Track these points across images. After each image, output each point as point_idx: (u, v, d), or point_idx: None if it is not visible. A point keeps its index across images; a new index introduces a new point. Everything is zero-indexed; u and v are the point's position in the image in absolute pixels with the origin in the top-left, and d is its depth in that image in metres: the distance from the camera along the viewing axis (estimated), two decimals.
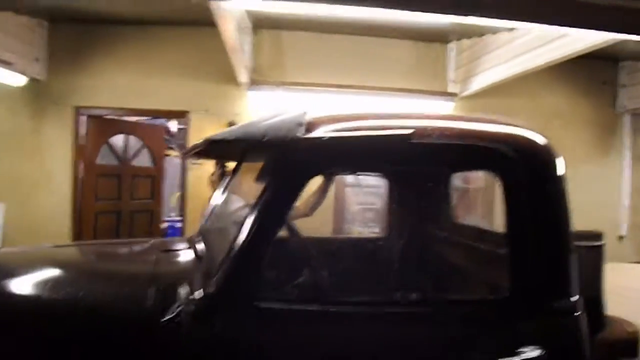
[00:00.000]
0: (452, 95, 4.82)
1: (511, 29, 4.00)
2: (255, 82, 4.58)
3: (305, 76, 4.74)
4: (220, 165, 3.01)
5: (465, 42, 4.73)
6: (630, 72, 5.43)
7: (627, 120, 5.64)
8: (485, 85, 4.44)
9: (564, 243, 1.58)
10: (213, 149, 1.99)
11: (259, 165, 2.38)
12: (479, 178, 1.84)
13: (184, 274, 1.72)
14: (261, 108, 4.66)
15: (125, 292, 1.57)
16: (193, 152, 1.80)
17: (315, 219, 2.93)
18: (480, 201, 1.86)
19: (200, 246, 1.97)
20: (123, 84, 4.79)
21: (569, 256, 1.57)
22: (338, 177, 3.03)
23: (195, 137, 4.82)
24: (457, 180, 1.83)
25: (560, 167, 1.63)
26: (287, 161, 1.48)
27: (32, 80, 4.67)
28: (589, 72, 5.36)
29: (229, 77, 4.58)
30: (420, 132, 1.52)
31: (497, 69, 4.23)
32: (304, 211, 2.91)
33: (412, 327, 1.42)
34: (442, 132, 1.56)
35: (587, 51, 3.39)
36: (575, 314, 1.54)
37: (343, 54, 4.88)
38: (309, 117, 1.53)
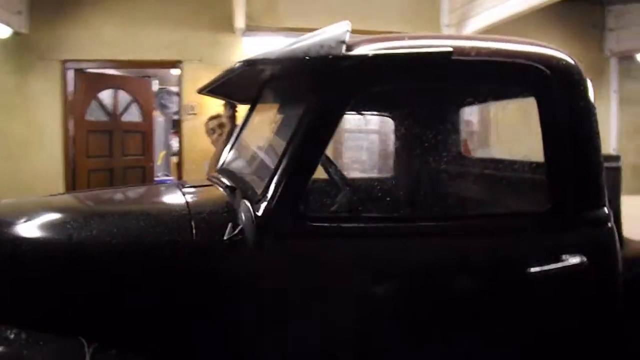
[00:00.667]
0: None
1: None
2: (251, 28, 4.48)
3: (299, 21, 4.64)
4: (231, 106, 2.95)
5: None
6: (617, 16, 5.48)
7: (614, 63, 5.72)
8: (479, 28, 4.43)
9: (596, 157, 1.63)
10: (234, 82, 1.97)
11: (271, 106, 2.37)
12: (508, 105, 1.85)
13: (221, 203, 1.72)
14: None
15: (166, 223, 1.52)
16: (224, 79, 1.75)
17: None
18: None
19: (227, 180, 1.97)
20: (111, 34, 4.63)
21: (601, 170, 1.63)
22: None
23: (190, 87, 4.74)
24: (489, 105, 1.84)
25: (590, 86, 1.66)
26: (331, 79, 1.47)
27: (15, 34, 4.48)
28: (578, 15, 5.39)
29: (223, 24, 4.47)
30: (458, 49, 1.52)
31: (491, 11, 4.22)
32: None
33: (463, 238, 1.46)
34: (480, 50, 1.57)
35: None
36: (609, 224, 1.60)
37: None
38: (349, 36, 1.51)
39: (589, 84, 1.68)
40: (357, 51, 1.48)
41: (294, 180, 1.43)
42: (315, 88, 1.49)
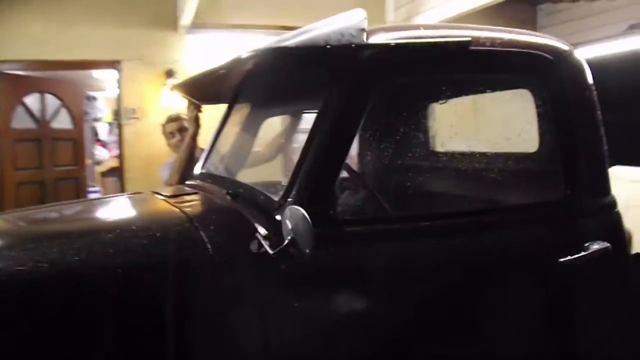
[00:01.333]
0: None
1: None
2: (196, 25, 4.23)
3: (245, 18, 4.47)
4: (195, 107, 2.72)
5: None
6: (548, 14, 5.69)
7: None
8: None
9: (602, 144, 1.65)
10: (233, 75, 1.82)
11: (244, 108, 2.22)
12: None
13: (227, 212, 1.55)
14: (203, 54, 4.35)
15: (171, 239, 1.32)
16: (223, 71, 1.57)
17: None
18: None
19: (218, 186, 1.80)
20: (39, 32, 4.19)
21: (606, 156, 1.65)
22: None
23: (130, 89, 4.42)
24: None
25: (590, 76, 1.69)
26: (352, 69, 1.38)
27: None
28: (511, 14, 5.59)
29: (165, 20, 4.20)
30: (475, 39, 1.49)
31: (437, 9, 4.29)
32: (268, 154, 2.70)
33: (496, 232, 1.42)
34: (494, 40, 1.54)
35: None
36: (616, 209, 1.63)
37: None
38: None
39: (590, 73, 1.70)
40: (377, 40, 1.40)
41: (323, 181, 1.31)
42: (336, 80, 1.38)
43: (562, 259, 1.43)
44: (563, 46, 1.66)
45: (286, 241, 1.17)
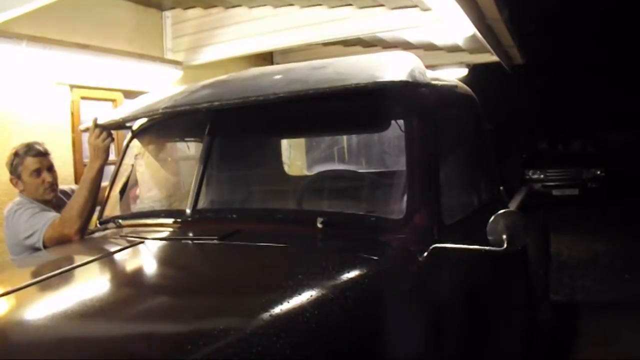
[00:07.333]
0: (177, 63, 4.85)
1: (251, 7, 4.52)
2: None
3: (35, 29, 3.77)
4: (109, 134, 2.32)
5: (192, 11, 4.86)
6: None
7: None
8: (219, 58, 4.81)
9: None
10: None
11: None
12: None
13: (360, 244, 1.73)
14: None
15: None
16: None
17: None
18: None
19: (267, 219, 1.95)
20: None
21: None
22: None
23: None
24: None
25: None
26: (428, 102, 1.81)
27: None
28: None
29: None
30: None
31: (234, 43, 4.66)
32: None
33: None
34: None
35: None
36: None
37: (62, 6, 4.13)
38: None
39: None
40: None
41: (433, 194, 1.67)
42: (418, 111, 1.77)
43: None
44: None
45: (505, 238, 1.50)
